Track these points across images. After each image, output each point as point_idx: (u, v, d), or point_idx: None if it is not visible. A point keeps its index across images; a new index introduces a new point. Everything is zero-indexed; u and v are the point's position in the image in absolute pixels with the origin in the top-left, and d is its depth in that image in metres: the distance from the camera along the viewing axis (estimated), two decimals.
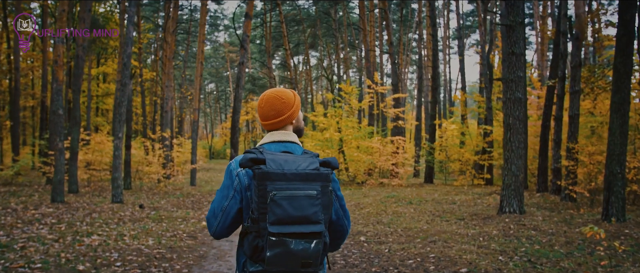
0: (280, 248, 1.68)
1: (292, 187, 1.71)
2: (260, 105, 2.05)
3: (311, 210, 1.72)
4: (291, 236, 1.69)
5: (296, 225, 1.70)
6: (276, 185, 1.70)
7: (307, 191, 1.72)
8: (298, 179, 1.73)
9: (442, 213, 10.47)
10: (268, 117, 2.02)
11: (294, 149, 1.98)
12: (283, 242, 1.68)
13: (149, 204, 12.13)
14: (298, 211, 1.70)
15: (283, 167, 1.73)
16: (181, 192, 16.02)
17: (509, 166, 9.55)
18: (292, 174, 1.73)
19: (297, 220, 1.70)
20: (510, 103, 9.57)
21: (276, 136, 2.01)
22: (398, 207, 11.76)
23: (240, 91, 16.22)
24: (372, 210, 11.29)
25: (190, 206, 12.14)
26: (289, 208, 1.69)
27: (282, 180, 1.71)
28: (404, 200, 13.21)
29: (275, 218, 1.68)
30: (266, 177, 1.70)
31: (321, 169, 1.79)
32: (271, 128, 2.04)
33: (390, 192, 15.76)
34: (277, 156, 1.79)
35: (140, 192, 15.39)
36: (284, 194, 1.70)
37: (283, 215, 1.69)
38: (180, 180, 21.12)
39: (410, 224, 9.05)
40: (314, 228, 1.72)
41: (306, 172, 1.75)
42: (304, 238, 1.71)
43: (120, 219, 9.23)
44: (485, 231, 8.07)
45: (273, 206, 1.69)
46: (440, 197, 13.82)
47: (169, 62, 23.21)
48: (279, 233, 1.68)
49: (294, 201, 1.70)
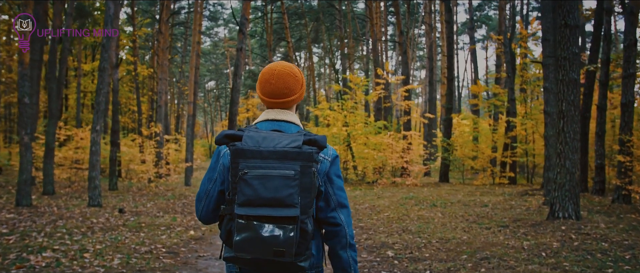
0: (249, 232, 1.50)
1: (265, 166, 1.53)
2: (268, 80, 1.77)
3: (285, 192, 1.51)
4: (260, 219, 1.50)
5: (266, 208, 1.50)
6: (249, 162, 1.53)
7: (282, 171, 1.52)
8: (274, 157, 1.54)
9: (478, 218, 8.79)
10: (277, 94, 1.77)
11: (288, 129, 1.74)
12: (251, 225, 1.50)
13: (131, 207, 10.47)
14: (270, 192, 1.50)
15: (260, 144, 1.56)
16: (173, 193, 14.36)
17: (562, 162, 7.87)
18: (269, 152, 1.54)
19: (268, 201, 1.50)
20: (563, 86, 7.88)
21: (271, 114, 1.79)
22: (421, 211, 10.09)
23: (239, 80, 14.56)
24: (392, 215, 9.62)
25: (180, 210, 10.48)
26: (259, 188, 1.51)
27: (257, 157, 1.54)
28: (425, 202, 11.54)
29: (244, 199, 1.51)
30: (240, 154, 1.54)
31: (304, 147, 1.56)
32: (274, 107, 1.80)
33: (407, 193, 14.09)
34: (259, 133, 1.61)
35: (126, 193, 13.74)
36: (256, 173, 1.52)
37: (252, 195, 1.51)
38: (173, 180, 19.48)
39: (445, 233, 7.38)
40: (286, 212, 1.50)
41: (285, 150, 1.54)
42: (275, 223, 1.50)
43: (89, 228, 7.57)
44: (543, 244, 6.40)
45: (243, 185, 1.52)
46: (465, 198, 12.15)
47: (162, 53, 21.62)
48: (247, 215, 1.50)
49: (266, 181, 1.51)
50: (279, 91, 1.77)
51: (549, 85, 9.96)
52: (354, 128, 17.25)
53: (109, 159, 14.41)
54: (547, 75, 9.97)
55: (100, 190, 10.30)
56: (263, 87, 1.79)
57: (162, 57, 21.55)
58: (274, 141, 1.58)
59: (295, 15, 39.29)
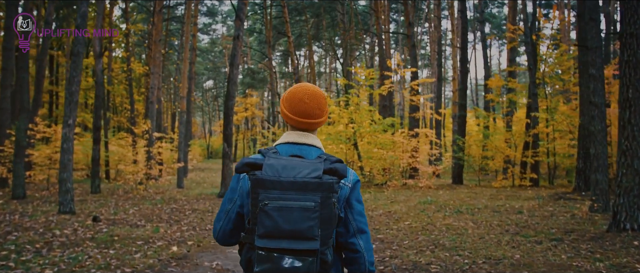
0: (269, 264, 1.47)
1: (285, 197, 1.49)
2: (302, 99, 1.74)
3: (305, 225, 1.48)
4: (281, 252, 1.47)
5: (287, 240, 1.47)
6: (269, 194, 1.50)
7: (302, 203, 1.49)
8: (294, 188, 1.51)
9: (519, 229, 7.36)
10: (309, 114, 1.74)
11: (308, 153, 1.71)
12: (272, 257, 1.47)
13: (110, 215, 9.01)
14: (290, 225, 1.47)
15: (280, 174, 1.52)
16: (162, 197, 12.91)
17: (628, 161, 6.43)
18: (289, 182, 1.51)
19: (289, 234, 1.47)
20: (629, 68, 6.44)
21: (293, 136, 1.75)
22: (447, 218, 8.66)
23: (235, 71, 13.12)
24: (414, 224, 8.18)
25: (166, 217, 9.02)
26: (279, 220, 1.47)
27: (277, 188, 1.50)
28: (448, 208, 10.10)
29: (264, 231, 1.48)
30: (260, 184, 1.51)
31: (324, 177, 1.53)
32: (301, 128, 1.76)
33: (422, 196, 12.66)
34: (279, 160, 1.57)
35: (110, 197, 12.28)
36: (276, 204, 1.48)
37: (272, 227, 1.47)
38: (165, 182, 18.03)
39: (489, 249, 5.95)
40: (307, 245, 1.48)
41: (305, 181, 1.51)
42: (295, 256, 1.48)
43: (47, 243, 6.12)
44: (623, 266, 4.97)
45: (263, 217, 1.48)
46: (491, 203, 10.72)
47: (155, 45, 20.15)
48: (267, 247, 1.47)
49: (286, 213, 1.48)
50: (311, 111, 1.74)
51: (595, 72, 8.53)
52: (361, 125, 15.80)
53: (91, 159, 12.96)
54: (593, 60, 8.54)
55: (72, 195, 8.84)
56: (295, 105, 1.74)
57: (155, 50, 20.09)
58: (294, 170, 1.54)
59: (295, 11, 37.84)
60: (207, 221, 8.62)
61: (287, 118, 1.76)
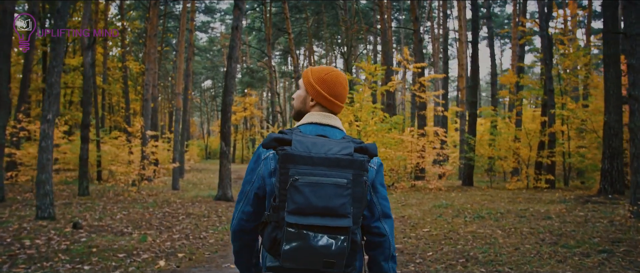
0: (299, 241, 1.43)
1: (317, 173, 1.46)
2: (341, 83, 1.77)
3: (338, 201, 1.45)
4: (312, 228, 1.43)
5: (318, 217, 1.44)
6: (300, 168, 1.46)
7: (335, 179, 1.46)
8: (326, 164, 1.48)
9: (556, 238, 6.47)
10: (343, 98, 1.78)
11: (333, 134, 1.69)
12: (302, 234, 1.43)
13: (94, 220, 8.11)
14: (322, 201, 1.44)
15: (310, 150, 1.49)
16: (155, 199, 12.01)
17: None
18: (320, 158, 1.48)
19: (321, 210, 1.44)
20: None
21: (317, 117, 1.73)
22: (470, 225, 7.77)
23: (234, 64, 12.23)
24: (434, 231, 7.30)
25: (157, 223, 8.12)
26: (311, 196, 1.44)
27: (308, 163, 1.47)
28: (467, 212, 9.22)
29: (295, 207, 1.44)
30: (289, 159, 1.47)
31: (355, 155, 1.51)
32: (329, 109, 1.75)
33: (434, 199, 11.78)
34: (307, 138, 1.55)
35: (98, 200, 11.37)
36: (307, 180, 1.45)
37: (304, 203, 1.44)
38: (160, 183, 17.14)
39: (533, 264, 5.07)
40: (339, 223, 1.45)
41: (337, 157, 1.49)
42: (327, 233, 1.44)
43: (12, 256, 5.21)
44: None
45: (293, 192, 1.45)
46: (512, 207, 9.83)
47: (150, 41, 19.28)
48: (298, 224, 1.43)
49: (318, 189, 1.45)
50: (345, 95, 1.77)
51: (635, 62, 7.66)
52: (367, 123, 14.90)
53: (79, 158, 12.05)
54: (633, 48, 7.66)
55: (52, 198, 7.92)
56: (335, 88, 1.74)
57: (150, 45, 19.21)
58: (324, 147, 1.51)
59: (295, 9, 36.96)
60: (202, 228, 7.72)
61: (322, 98, 1.73)
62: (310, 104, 1.76)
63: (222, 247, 6.39)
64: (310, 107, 1.77)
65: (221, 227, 7.93)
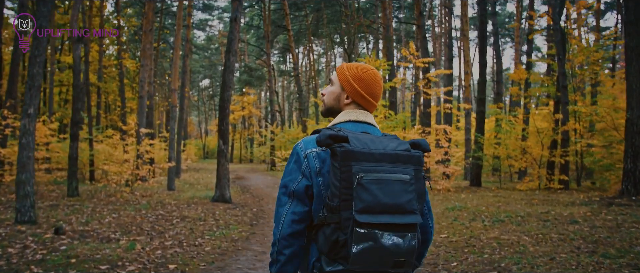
0: (370, 242, 1.35)
1: (381, 169, 1.39)
2: (380, 82, 1.71)
3: (405, 198, 1.40)
4: (382, 227, 1.36)
5: (388, 215, 1.37)
6: (363, 165, 1.38)
7: (399, 175, 1.40)
8: (387, 160, 1.41)
9: (593, 246, 5.80)
10: (379, 97, 1.73)
11: (374, 132, 1.64)
12: (373, 235, 1.35)
13: (80, 224, 7.42)
14: (390, 198, 1.38)
15: (369, 146, 1.42)
16: (149, 200, 11.32)
17: None
18: (380, 154, 1.41)
19: (389, 208, 1.37)
20: None
21: (353, 115, 1.67)
22: (490, 230, 7.10)
23: (233, 58, 11.54)
24: (453, 237, 6.64)
25: (148, 228, 7.43)
26: (379, 193, 1.37)
27: (370, 160, 1.39)
28: (483, 216, 8.55)
29: (364, 206, 1.35)
30: (351, 156, 1.38)
31: (412, 151, 1.47)
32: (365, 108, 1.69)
33: (445, 200, 11.13)
34: (359, 134, 1.48)
35: (87, 202, 10.67)
36: (372, 177, 1.37)
37: (373, 201, 1.36)
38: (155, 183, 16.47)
39: None
40: (409, 219, 1.39)
41: (396, 153, 1.43)
42: (396, 231, 1.38)
43: None
44: None
45: (360, 191, 1.36)
46: (531, 210, 9.16)
47: (146, 35, 18.59)
48: (369, 223, 1.35)
49: (384, 186, 1.38)
50: (380, 94, 1.73)
51: None
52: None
53: (68, 157, 11.34)
54: None
55: (33, 200, 7.23)
56: (374, 88, 1.69)
57: (146, 40, 18.52)
58: (381, 143, 1.46)
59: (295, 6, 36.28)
60: (198, 234, 7.04)
61: (359, 96, 1.67)
62: (345, 102, 1.69)
63: (220, 256, 5.71)
64: (345, 104, 1.69)
65: (218, 232, 7.25)
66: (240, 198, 12.74)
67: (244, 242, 6.71)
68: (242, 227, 7.96)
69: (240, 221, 8.65)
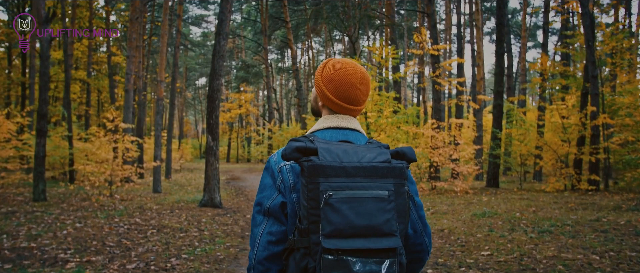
0: (339, 271, 1.14)
1: (354, 186, 1.18)
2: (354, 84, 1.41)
3: (382, 218, 1.17)
4: (355, 253, 1.15)
5: (361, 239, 1.16)
6: (332, 182, 1.17)
7: (375, 192, 1.18)
8: (362, 174, 1.19)
9: None
10: (358, 101, 1.43)
11: (356, 139, 1.41)
12: (343, 262, 1.14)
13: (26, 238, 5.95)
14: (364, 219, 1.16)
15: (341, 158, 1.21)
16: (127, 206, 9.85)
17: None
18: (354, 168, 1.19)
19: (363, 231, 1.16)
20: None
21: (334, 120, 1.42)
22: (543, 246, 5.65)
23: (223, 42, 10.08)
24: (499, 255, 5.19)
25: (113, 243, 5.96)
26: (350, 214, 1.16)
27: (341, 175, 1.18)
28: (521, 224, 7.11)
29: (332, 229, 1.15)
30: (318, 172, 1.17)
31: (393, 162, 1.24)
32: (343, 113, 1.44)
33: (467, 204, 9.68)
34: (333, 145, 1.26)
35: (55, 207, 9.19)
36: (343, 195, 1.16)
37: (343, 224, 1.15)
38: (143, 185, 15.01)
39: None
40: (386, 243, 1.16)
41: (373, 165, 1.20)
42: (372, 257, 1.16)
43: None
44: None
45: (328, 211, 1.15)
46: (577, 216, 7.71)
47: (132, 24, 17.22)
48: (338, 249, 1.14)
49: (357, 205, 1.16)
50: (361, 97, 1.44)
51: None
52: (381, 114, 12.77)
53: (34, 156, 9.86)
54: None
55: None
56: (345, 91, 1.40)
57: (132, 29, 17.12)
58: (357, 154, 1.23)
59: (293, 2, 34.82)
60: (173, 251, 5.57)
61: (330, 102, 1.42)
62: (320, 105, 1.48)
63: None
64: (321, 108, 1.48)
65: (200, 249, 5.79)
66: (232, 202, 11.28)
67: (231, 262, 5.25)
68: (231, 240, 6.50)
69: (229, 232, 7.19)
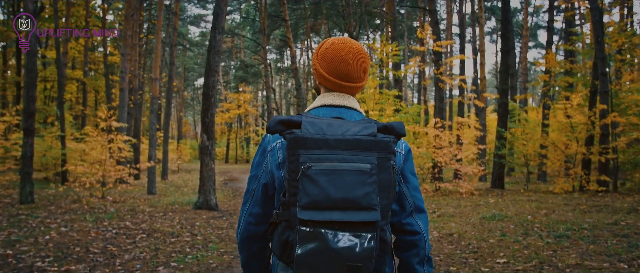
0: (316, 243, 1.11)
1: (334, 158, 1.15)
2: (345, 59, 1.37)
3: (361, 191, 1.14)
4: (330, 225, 1.12)
5: (339, 211, 1.12)
6: (312, 154, 1.15)
7: (356, 165, 1.15)
8: (344, 147, 1.17)
9: None
10: (352, 77, 1.39)
11: (350, 116, 1.38)
12: (319, 234, 1.11)
13: (4, 244, 5.51)
14: (342, 192, 1.13)
15: (324, 131, 1.19)
16: (119, 208, 9.41)
17: None
18: (336, 140, 1.17)
19: (341, 203, 1.13)
20: None
21: (329, 98, 1.40)
22: (562, 252, 5.22)
23: (219, 36, 9.64)
24: (516, 263, 4.78)
25: (98, 250, 5.52)
26: (328, 186, 1.13)
27: (322, 147, 1.17)
28: (535, 228, 6.68)
29: (309, 200, 1.13)
30: (299, 144, 1.17)
31: (379, 135, 1.20)
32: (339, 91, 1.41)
33: (475, 206, 9.25)
34: (320, 119, 1.25)
35: (42, 210, 8.75)
36: (322, 167, 1.14)
37: (319, 195, 1.13)
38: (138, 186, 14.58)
39: None
40: (364, 216, 1.13)
41: (356, 138, 1.18)
42: (349, 230, 1.12)
43: None
44: None
45: (306, 182, 1.14)
46: (592, 220, 7.28)
47: (127, 21, 16.83)
48: (313, 220, 1.12)
49: (336, 177, 1.14)
50: (355, 73, 1.40)
51: None
52: (382, 113, 12.34)
53: (21, 156, 9.42)
54: None
55: None
56: (337, 66, 1.37)
57: (127, 26, 16.71)
58: (341, 128, 1.22)
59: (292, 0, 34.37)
60: (161, 259, 5.14)
61: (323, 79, 1.41)
62: (317, 84, 1.47)
63: None
64: (319, 87, 1.46)
65: (191, 256, 5.35)
66: (229, 204, 10.85)
67: (224, 271, 4.82)
68: (226, 246, 6.06)
69: (224, 236, 6.75)
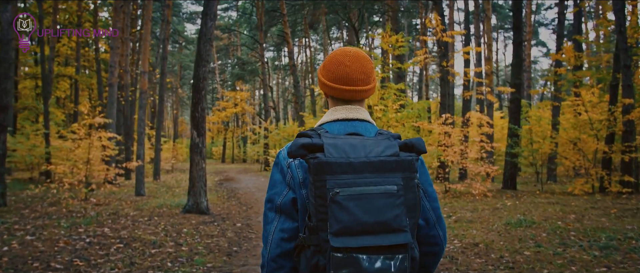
0: (349, 268, 1.11)
1: (361, 182, 1.13)
2: (341, 61, 1.37)
3: (391, 213, 1.13)
4: (364, 251, 1.12)
5: (370, 236, 1.12)
6: (339, 179, 1.13)
7: (384, 187, 1.14)
8: (370, 170, 1.15)
9: None
10: (353, 80, 1.36)
11: (365, 130, 1.35)
12: (352, 259, 1.11)
13: None
14: (372, 216, 1.12)
15: (348, 154, 1.16)
16: (100, 211, 8.50)
17: None
18: (361, 163, 1.15)
19: (372, 228, 1.12)
20: None
21: (341, 112, 1.37)
22: (617, 266, 4.40)
23: (211, 23, 8.74)
24: None
25: (64, 262, 4.63)
26: (358, 211, 1.12)
27: (348, 171, 1.14)
28: (571, 236, 5.82)
29: (340, 227, 1.11)
30: (325, 169, 1.14)
31: (402, 154, 1.19)
32: (345, 99, 1.38)
33: (493, 210, 8.38)
34: (341, 139, 1.21)
35: (14, 214, 7.84)
36: (350, 192, 1.12)
37: (351, 221, 1.11)
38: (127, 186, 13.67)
39: None
40: (396, 239, 1.13)
41: (381, 159, 1.16)
42: (382, 253, 1.13)
43: None
44: None
45: (336, 209, 1.12)
46: (635, 226, 6.42)
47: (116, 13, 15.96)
48: (346, 247, 1.11)
49: (365, 202, 1.13)
50: (354, 75, 1.36)
51: None
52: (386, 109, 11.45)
53: None
54: None
55: None
56: (335, 70, 1.36)
57: (116, 18, 15.85)
58: (364, 149, 1.18)
59: None
60: None
61: (327, 88, 1.38)
62: (326, 97, 1.44)
63: None
64: (328, 100, 1.44)
65: None
66: (222, 207, 9.95)
67: None
68: (214, 259, 5.17)
69: (213, 246, 5.85)
